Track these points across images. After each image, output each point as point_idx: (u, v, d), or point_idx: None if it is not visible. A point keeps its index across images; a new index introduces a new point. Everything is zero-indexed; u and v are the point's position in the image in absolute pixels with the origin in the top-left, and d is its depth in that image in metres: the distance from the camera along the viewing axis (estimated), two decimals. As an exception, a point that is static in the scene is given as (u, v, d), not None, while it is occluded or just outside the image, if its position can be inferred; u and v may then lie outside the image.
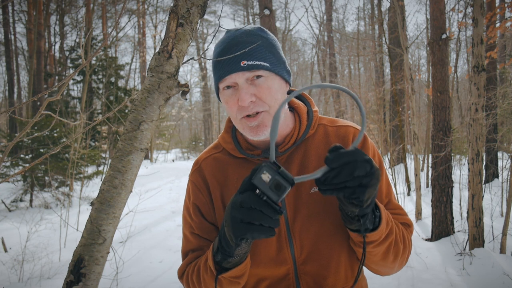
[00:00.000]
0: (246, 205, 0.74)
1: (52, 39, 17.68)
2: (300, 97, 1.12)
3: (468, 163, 4.17)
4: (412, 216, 6.37)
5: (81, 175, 8.07)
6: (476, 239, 4.14)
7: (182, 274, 1.06)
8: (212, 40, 0.83)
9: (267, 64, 0.94)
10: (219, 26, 0.93)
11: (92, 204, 0.75)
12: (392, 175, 5.55)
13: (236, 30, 0.98)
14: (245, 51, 0.92)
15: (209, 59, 0.90)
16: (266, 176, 0.73)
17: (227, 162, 1.06)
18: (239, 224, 0.75)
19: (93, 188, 9.51)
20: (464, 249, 4.25)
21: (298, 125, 1.03)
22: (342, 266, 0.99)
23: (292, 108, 1.08)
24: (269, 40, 0.98)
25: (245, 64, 0.91)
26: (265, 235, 0.76)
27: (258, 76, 0.93)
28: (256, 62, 0.92)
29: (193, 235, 1.06)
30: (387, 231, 0.91)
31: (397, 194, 5.42)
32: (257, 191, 0.75)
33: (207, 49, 0.85)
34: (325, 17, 19.77)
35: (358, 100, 0.75)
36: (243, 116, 0.94)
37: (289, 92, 1.05)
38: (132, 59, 21.09)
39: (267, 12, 7.48)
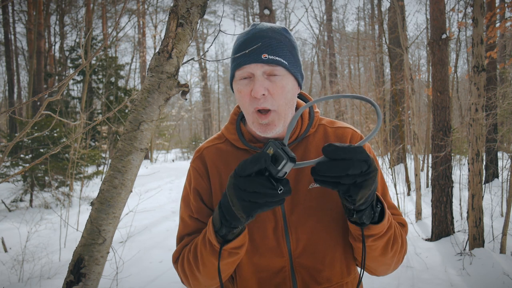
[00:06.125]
0: (249, 190, 0.77)
1: (52, 39, 17.70)
2: (303, 99, 1.17)
3: (468, 163, 4.17)
4: (412, 216, 6.38)
5: (81, 175, 8.06)
6: (476, 239, 4.14)
7: (177, 257, 1.07)
8: (212, 42, 0.83)
9: (286, 62, 0.96)
10: (220, 30, 0.93)
11: (92, 204, 0.75)
12: (392, 175, 5.55)
13: (262, 24, 1.00)
14: (268, 45, 0.94)
15: (209, 60, 0.90)
16: (270, 151, 0.78)
17: (229, 153, 1.08)
18: (247, 203, 0.79)
19: (93, 188, 9.50)
20: (464, 249, 4.25)
21: (300, 123, 1.06)
22: (337, 261, 1.02)
23: (296, 107, 1.12)
24: (291, 41, 1.01)
25: (266, 57, 0.94)
26: (274, 206, 0.80)
27: (274, 75, 0.95)
28: (277, 58, 0.94)
29: (192, 219, 1.08)
30: (388, 225, 0.93)
31: (397, 194, 5.41)
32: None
33: (207, 50, 0.86)
34: (325, 17, 19.77)
35: (376, 104, 0.79)
36: (255, 109, 0.96)
37: (299, 96, 1.14)
38: (132, 59, 21.10)
39: (267, 12, 7.48)
